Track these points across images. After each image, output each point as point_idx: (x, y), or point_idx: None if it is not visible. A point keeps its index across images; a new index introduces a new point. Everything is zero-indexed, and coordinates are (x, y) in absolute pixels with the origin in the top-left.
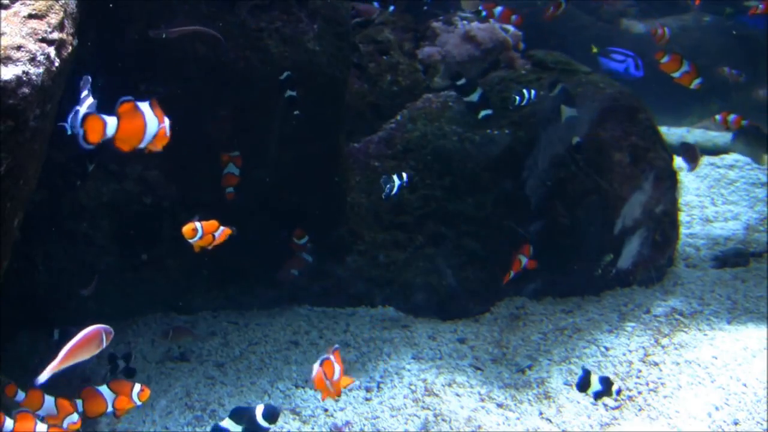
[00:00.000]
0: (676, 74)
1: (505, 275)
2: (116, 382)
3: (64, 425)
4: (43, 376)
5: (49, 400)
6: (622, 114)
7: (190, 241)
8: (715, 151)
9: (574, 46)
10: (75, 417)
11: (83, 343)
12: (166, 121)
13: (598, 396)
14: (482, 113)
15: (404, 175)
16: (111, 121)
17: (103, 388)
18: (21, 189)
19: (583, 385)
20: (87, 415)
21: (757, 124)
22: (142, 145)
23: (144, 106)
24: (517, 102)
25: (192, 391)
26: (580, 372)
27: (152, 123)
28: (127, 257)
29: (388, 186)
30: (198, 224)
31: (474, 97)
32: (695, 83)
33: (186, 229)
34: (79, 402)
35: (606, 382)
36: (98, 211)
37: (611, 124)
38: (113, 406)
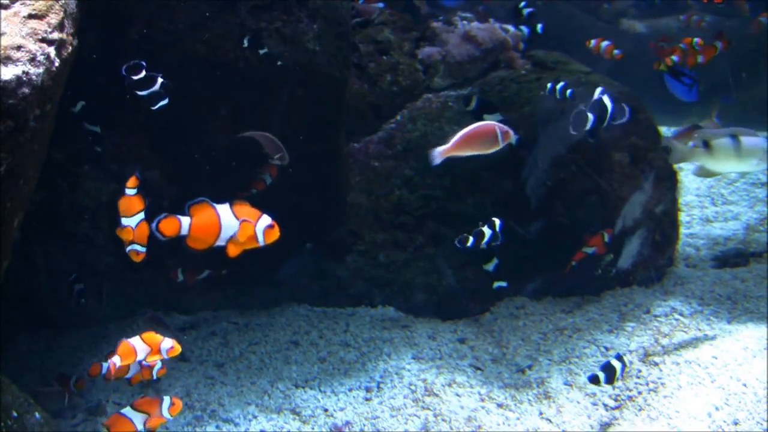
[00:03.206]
0: None
1: (567, 265)
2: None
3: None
4: (437, 159)
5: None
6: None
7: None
8: None
9: (574, 46)
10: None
11: (478, 134)
12: None
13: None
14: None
15: (496, 222)
16: None
17: (136, 340)
18: (21, 189)
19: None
20: (107, 378)
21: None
22: None
23: None
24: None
25: (192, 391)
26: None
27: None
28: (127, 257)
29: (472, 239)
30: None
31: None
32: None
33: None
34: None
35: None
36: (98, 211)
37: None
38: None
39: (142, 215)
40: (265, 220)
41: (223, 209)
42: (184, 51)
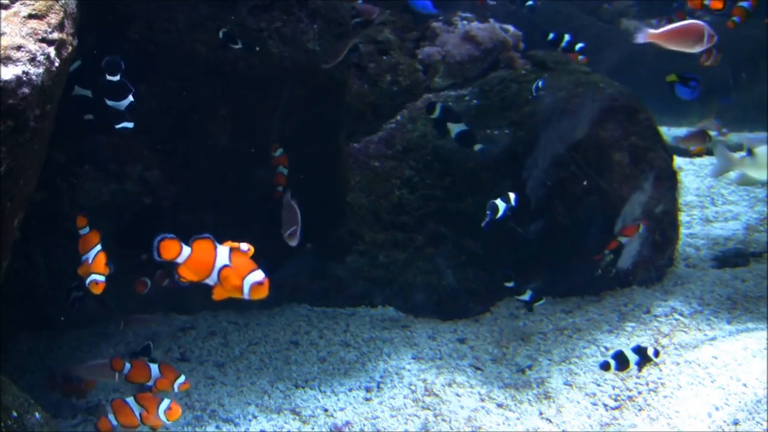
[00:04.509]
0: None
1: (599, 254)
2: (166, 366)
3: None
4: (641, 38)
5: (154, 368)
6: (622, 114)
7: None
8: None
9: None
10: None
11: (688, 30)
12: None
13: (640, 365)
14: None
15: (511, 196)
16: None
17: (154, 367)
18: (21, 189)
19: (621, 363)
20: (128, 379)
21: None
22: None
23: None
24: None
25: (192, 391)
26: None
27: None
28: (127, 257)
29: (489, 213)
30: None
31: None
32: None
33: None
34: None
35: (640, 351)
36: (98, 211)
37: (611, 124)
38: (154, 383)
39: (98, 247)
40: (256, 275)
41: (222, 252)
42: (184, 51)
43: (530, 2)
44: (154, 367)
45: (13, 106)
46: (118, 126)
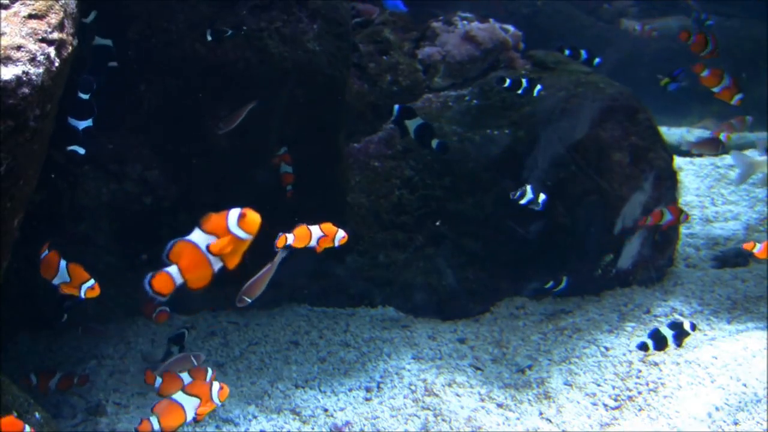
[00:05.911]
0: (716, 89)
1: (642, 219)
2: (197, 370)
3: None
4: None
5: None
6: (622, 114)
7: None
8: None
9: None
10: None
11: None
12: None
13: (678, 339)
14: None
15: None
16: None
17: (185, 375)
18: (21, 189)
19: (659, 342)
20: (160, 393)
21: None
22: None
23: None
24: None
25: None
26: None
27: None
28: (128, 257)
29: (519, 194)
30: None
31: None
32: (736, 99)
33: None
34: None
35: (676, 326)
36: (98, 211)
37: (611, 124)
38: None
39: (64, 264)
40: (234, 213)
41: (196, 236)
42: (184, 51)
43: None
44: (185, 376)
45: (13, 106)
46: (69, 148)
